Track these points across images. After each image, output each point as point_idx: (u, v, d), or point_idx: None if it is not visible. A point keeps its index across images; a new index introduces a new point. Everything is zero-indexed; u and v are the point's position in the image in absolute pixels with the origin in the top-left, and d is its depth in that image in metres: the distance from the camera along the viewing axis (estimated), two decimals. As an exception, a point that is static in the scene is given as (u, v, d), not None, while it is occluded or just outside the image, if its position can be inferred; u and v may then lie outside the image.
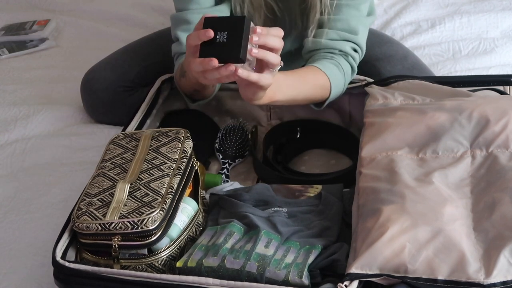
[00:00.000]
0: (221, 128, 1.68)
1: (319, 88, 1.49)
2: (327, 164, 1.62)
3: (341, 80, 1.53)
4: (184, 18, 1.54)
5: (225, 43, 1.20)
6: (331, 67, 1.51)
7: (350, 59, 1.54)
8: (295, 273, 1.17)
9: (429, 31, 2.11)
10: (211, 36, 1.19)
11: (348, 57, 1.54)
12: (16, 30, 2.39)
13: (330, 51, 1.54)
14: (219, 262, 1.19)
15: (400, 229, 1.15)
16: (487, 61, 1.96)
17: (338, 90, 1.53)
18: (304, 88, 1.47)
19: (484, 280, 1.09)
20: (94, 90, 1.83)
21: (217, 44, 1.20)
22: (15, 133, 1.84)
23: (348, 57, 1.54)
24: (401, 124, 1.38)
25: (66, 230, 1.26)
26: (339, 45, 1.53)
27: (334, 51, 1.53)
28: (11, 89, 2.06)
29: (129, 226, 1.19)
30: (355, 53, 1.55)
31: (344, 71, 1.53)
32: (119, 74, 1.81)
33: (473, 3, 2.21)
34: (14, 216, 1.56)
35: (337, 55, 1.53)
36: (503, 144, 1.31)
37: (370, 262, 1.13)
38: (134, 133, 1.42)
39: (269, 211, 1.35)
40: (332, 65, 1.51)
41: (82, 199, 1.26)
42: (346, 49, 1.53)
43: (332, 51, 1.53)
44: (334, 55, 1.53)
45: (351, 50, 1.54)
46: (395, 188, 1.24)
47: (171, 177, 1.28)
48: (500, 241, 1.13)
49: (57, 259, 1.21)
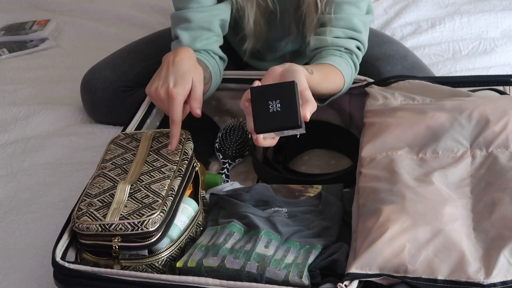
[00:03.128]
0: (221, 128, 1.68)
1: (336, 83, 1.48)
2: (327, 164, 1.62)
3: (350, 76, 1.52)
4: (184, 16, 1.54)
5: (280, 112, 1.16)
6: (342, 64, 1.50)
7: (354, 57, 1.54)
8: (295, 273, 1.17)
9: (429, 31, 2.11)
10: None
11: (353, 55, 1.54)
12: (16, 30, 2.39)
13: (337, 48, 1.53)
14: (219, 262, 1.19)
15: (400, 229, 1.15)
16: (487, 61, 1.96)
17: (347, 86, 1.52)
18: (324, 84, 1.45)
19: (484, 280, 1.09)
20: (94, 90, 1.83)
21: (271, 114, 1.16)
22: (15, 133, 1.84)
23: (352, 55, 1.54)
24: (401, 124, 1.38)
25: (66, 231, 1.26)
26: (345, 43, 1.52)
27: (340, 49, 1.53)
28: (11, 89, 2.06)
29: (129, 227, 1.19)
30: (359, 51, 1.55)
31: (350, 66, 1.52)
32: (119, 74, 1.82)
33: (473, 3, 2.21)
34: (14, 216, 1.56)
35: (343, 52, 1.52)
36: (503, 144, 1.31)
37: (370, 262, 1.13)
38: (135, 134, 1.42)
39: (269, 211, 1.35)
40: (342, 62, 1.50)
41: (83, 200, 1.26)
42: (351, 47, 1.53)
43: (338, 48, 1.53)
44: (341, 52, 1.52)
45: (355, 48, 1.54)
46: (395, 188, 1.24)
47: (172, 179, 1.28)
48: (500, 241, 1.13)
49: (57, 259, 1.20)
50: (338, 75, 1.47)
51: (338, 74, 1.46)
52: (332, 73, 1.46)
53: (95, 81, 1.83)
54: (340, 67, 1.47)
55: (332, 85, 1.45)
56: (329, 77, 1.44)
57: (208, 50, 1.54)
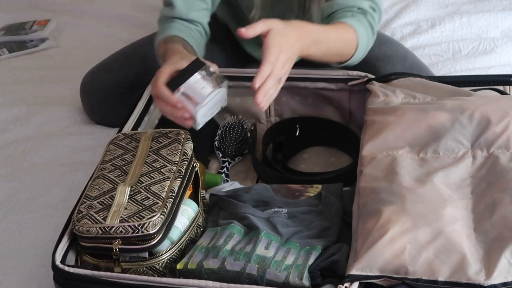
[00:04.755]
0: (221, 125, 1.68)
1: (349, 41, 1.49)
2: (327, 161, 1.62)
3: (364, 35, 1.52)
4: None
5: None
6: (355, 22, 1.50)
7: (369, 17, 1.53)
8: (296, 274, 1.17)
9: (429, 31, 2.11)
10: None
11: (367, 14, 1.53)
12: (16, 30, 2.39)
13: (349, 9, 1.53)
14: (219, 264, 1.19)
15: (401, 230, 1.15)
16: (487, 61, 1.96)
17: (363, 45, 1.52)
18: (336, 43, 1.47)
19: (485, 281, 1.09)
20: (93, 91, 1.83)
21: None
22: (15, 133, 1.85)
23: (367, 15, 1.53)
24: (402, 123, 1.38)
25: (65, 233, 1.26)
26: (356, 2, 1.52)
27: (353, 9, 1.52)
28: (11, 89, 2.06)
29: (129, 230, 1.19)
30: (374, 11, 1.55)
31: (365, 27, 1.52)
32: (118, 75, 1.81)
33: (473, 3, 2.21)
34: (14, 216, 1.56)
35: (355, 12, 1.52)
36: (504, 145, 1.30)
37: (370, 264, 1.13)
38: (134, 134, 1.42)
39: (269, 212, 1.35)
40: (355, 20, 1.50)
41: (82, 202, 1.25)
42: (364, 6, 1.52)
43: (350, 9, 1.52)
44: (353, 13, 1.52)
45: (369, 8, 1.53)
46: (396, 189, 1.23)
47: (172, 180, 1.28)
48: (500, 242, 1.13)
49: (57, 263, 1.20)
50: (348, 30, 1.47)
51: (348, 29, 1.47)
52: (343, 28, 1.47)
53: (94, 83, 1.83)
54: (350, 23, 1.47)
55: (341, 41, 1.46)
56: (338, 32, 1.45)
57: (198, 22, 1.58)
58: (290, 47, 1.32)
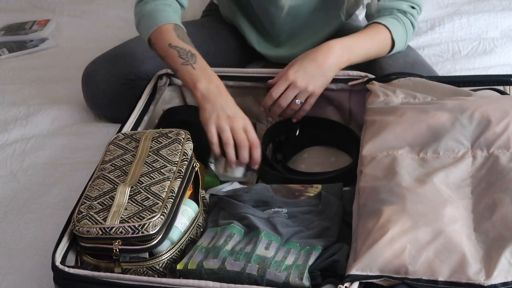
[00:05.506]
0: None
1: (384, 40, 1.64)
2: (327, 161, 1.62)
3: (401, 30, 1.65)
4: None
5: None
6: (390, 20, 1.63)
7: (409, 15, 1.66)
8: (296, 274, 1.17)
9: (429, 32, 2.11)
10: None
11: (407, 14, 1.66)
12: (16, 30, 2.39)
13: (389, 11, 1.66)
14: (219, 264, 1.19)
15: (401, 230, 1.15)
16: (487, 61, 1.96)
17: (400, 40, 1.66)
18: (372, 46, 1.62)
19: (485, 281, 1.09)
20: (95, 82, 1.82)
21: None
22: (15, 133, 1.84)
23: (406, 14, 1.66)
24: (402, 123, 1.38)
25: (65, 233, 1.25)
26: (397, 4, 1.65)
27: (392, 11, 1.65)
28: (11, 89, 2.06)
29: (129, 230, 1.19)
30: (413, 9, 1.67)
31: (404, 23, 1.65)
32: (120, 66, 1.81)
33: (473, 4, 2.22)
34: (14, 216, 1.56)
35: (394, 13, 1.65)
36: (504, 145, 1.31)
37: (370, 264, 1.13)
38: (134, 134, 1.42)
39: (269, 212, 1.35)
40: (391, 18, 1.64)
41: (83, 202, 1.25)
42: (404, 7, 1.65)
43: (390, 11, 1.65)
44: (392, 14, 1.65)
45: (409, 8, 1.66)
46: (396, 189, 1.24)
47: (172, 180, 1.28)
48: (500, 242, 1.13)
49: (57, 264, 1.20)
50: (381, 30, 1.62)
51: (381, 29, 1.62)
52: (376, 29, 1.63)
53: (96, 73, 1.82)
54: (384, 22, 1.62)
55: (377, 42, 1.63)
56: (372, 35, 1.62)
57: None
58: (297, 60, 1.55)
